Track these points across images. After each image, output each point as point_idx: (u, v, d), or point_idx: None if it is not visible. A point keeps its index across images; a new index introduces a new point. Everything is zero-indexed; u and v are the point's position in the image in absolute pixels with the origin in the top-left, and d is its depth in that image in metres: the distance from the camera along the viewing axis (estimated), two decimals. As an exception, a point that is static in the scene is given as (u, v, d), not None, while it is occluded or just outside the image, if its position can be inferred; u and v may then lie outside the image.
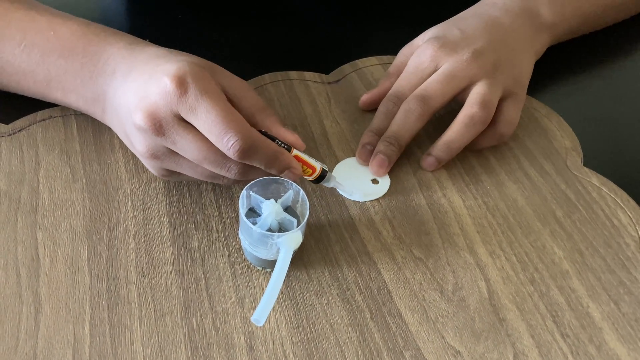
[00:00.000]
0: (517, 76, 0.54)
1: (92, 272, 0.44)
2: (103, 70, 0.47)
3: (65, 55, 0.48)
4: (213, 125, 0.41)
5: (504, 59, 0.53)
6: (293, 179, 0.45)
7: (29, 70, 0.49)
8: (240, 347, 0.41)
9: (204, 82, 0.42)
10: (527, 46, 0.57)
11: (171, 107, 0.41)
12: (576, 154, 0.54)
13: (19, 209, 0.47)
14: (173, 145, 0.43)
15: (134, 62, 0.46)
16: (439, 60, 0.52)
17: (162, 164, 0.45)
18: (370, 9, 0.69)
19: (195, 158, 0.43)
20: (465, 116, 0.50)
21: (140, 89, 0.43)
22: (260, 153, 0.42)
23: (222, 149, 0.41)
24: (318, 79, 0.60)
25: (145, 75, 0.44)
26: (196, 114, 0.41)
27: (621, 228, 0.49)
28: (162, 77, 0.41)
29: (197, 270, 0.45)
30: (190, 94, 0.41)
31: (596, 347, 0.42)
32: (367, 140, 0.52)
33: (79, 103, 0.50)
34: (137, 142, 0.44)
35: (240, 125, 0.41)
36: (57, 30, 0.49)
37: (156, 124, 0.42)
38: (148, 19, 0.52)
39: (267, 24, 0.67)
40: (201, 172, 0.45)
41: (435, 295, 0.44)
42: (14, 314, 0.42)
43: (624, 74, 0.64)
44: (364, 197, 0.50)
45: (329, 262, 0.46)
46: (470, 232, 0.48)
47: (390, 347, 0.41)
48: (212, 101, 0.41)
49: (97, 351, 0.40)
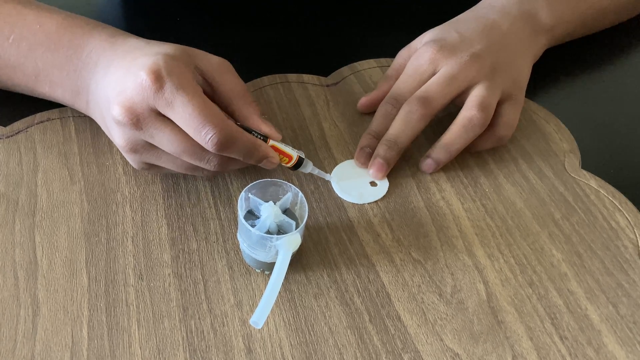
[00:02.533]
0: (516, 79, 0.54)
1: (90, 274, 0.44)
2: (86, 63, 0.48)
3: (51, 48, 0.49)
4: (190, 119, 0.41)
5: (503, 61, 0.53)
6: (270, 168, 0.46)
7: (18, 63, 0.50)
8: (238, 350, 0.41)
9: (180, 76, 0.42)
10: (526, 49, 0.57)
11: (148, 102, 0.42)
12: (574, 157, 0.54)
13: (16, 211, 0.47)
14: (151, 139, 0.43)
15: (114, 54, 0.47)
16: (437, 63, 0.52)
17: (141, 157, 0.45)
18: (369, 11, 0.69)
19: (174, 151, 0.43)
20: (464, 118, 0.50)
21: (118, 83, 0.44)
22: (238, 145, 0.43)
23: (200, 141, 0.42)
24: (317, 82, 0.60)
25: (123, 69, 0.44)
26: (173, 108, 0.42)
27: (619, 231, 0.49)
28: (139, 72, 0.42)
29: (196, 273, 0.45)
30: (166, 88, 0.41)
31: (595, 350, 0.42)
32: (365, 143, 0.52)
33: (65, 96, 0.50)
34: (117, 136, 0.45)
35: (217, 118, 0.42)
36: (44, 24, 0.49)
37: (133, 119, 0.42)
38: (147, 21, 0.52)
39: (266, 27, 0.67)
40: (180, 164, 0.45)
41: (434, 297, 0.44)
42: (11, 316, 0.42)
43: (622, 77, 0.64)
44: (362, 200, 0.50)
45: (327, 264, 0.46)
46: (468, 235, 0.48)
47: (389, 350, 0.41)
48: (188, 95, 0.42)
49: (95, 354, 0.40)
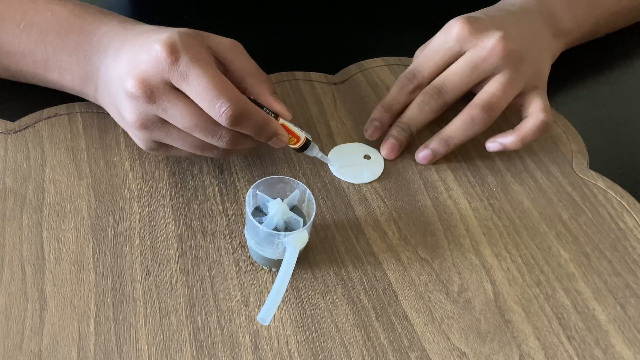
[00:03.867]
0: (539, 73, 0.53)
1: (97, 269, 0.44)
2: (97, 48, 0.48)
3: (62, 34, 0.49)
4: (205, 91, 0.41)
5: (531, 52, 0.52)
6: (279, 146, 0.47)
7: (27, 49, 0.50)
8: (245, 346, 0.41)
9: (195, 49, 0.42)
10: (547, 47, 0.56)
11: (162, 75, 0.42)
12: (582, 157, 0.54)
13: (24, 207, 0.47)
14: (164, 112, 0.43)
15: (126, 37, 0.47)
16: (465, 42, 0.51)
17: (151, 134, 0.45)
18: (377, 10, 0.69)
19: (186, 126, 0.43)
20: (467, 115, 0.50)
21: (131, 59, 0.44)
22: (251, 120, 0.43)
23: (213, 115, 0.42)
24: (324, 80, 0.60)
25: (137, 47, 0.44)
26: (187, 80, 0.42)
27: (627, 231, 0.49)
28: (153, 45, 0.42)
29: (203, 269, 0.45)
30: (181, 61, 0.42)
31: (602, 350, 0.42)
32: (376, 116, 0.53)
33: (74, 83, 0.50)
34: (128, 112, 0.44)
35: (231, 92, 0.42)
36: (55, 11, 0.50)
37: (147, 91, 0.42)
38: (154, 19, 0.52)
39: (273, 24, 0.67)
40: (191, 142, 0.45)
41: (441, 296, 0.44)
42: (19, 311, 0.42)
43: (631, 78, 0.64)
44: (359, 179, 0.50)
45: (334, 262, 0.46)
46: (476, 234, 0.48)
47: (396, 348, 0.41)
48: (202, 68, 0.42)
49: (102, 349, 0.40)
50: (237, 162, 0.52)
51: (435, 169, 0.52)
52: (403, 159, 0.53)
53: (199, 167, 0.51)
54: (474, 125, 0.50)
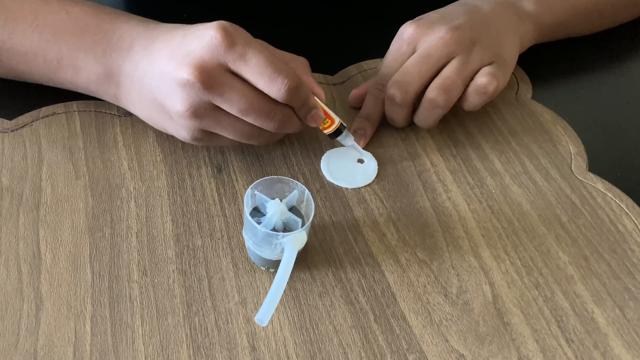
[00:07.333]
0: (499, 53, 0.54)
1: (94, 269, 0.44)
2: (118, 46, 0.48)
3: (77, 33, 0.49)
4: (264, 67, 0.43)
5: (484, 36, 0.54)
6: (314, 124, 0.48)
7: (40, 49, 0.50)
8: (242, 347, 0.41)
9: (244, 32, 0.45)
10: (510, 30, 0.57)
11: (219, 59, 0.43)
12: (581, 159, 0.54)
13: (21, 205, 0.47)
14: (220, 97, 0.44)
15: (152, 36, 0.48)
16: (416, 41, 0.53)
17: (201, 123, 0.45)
18: (376, 11, 0.69)
19: (242, 107, 0.44)
20: (426, 101, 0.52)
21: (175, 52, 0.44)
22: (302, 92, 0.45)
23: (273, 90, 0.43)
24: (323, 80, 0.60)
25: (175, 41, 0.45)
26: (246, 60, 0.43)
27: (626, 234, 0.48)
28: (206, 32, 0.43)
29: (200, 270, 0.44)
30: (237, 42, 0.43)
31: (601, 353, 0.42)
32: (358, 126, 0.54)
33: (89, 81, 0.50)
34: (178, 102, 0.44)
35: (286, 66, 0.44)
36: (70, 11, 0.50)
37: (204, 77, 0.43)
38: (153, 18, 0.52)
39: (273, 25, 0.67)
40: (240, 128, 0.46)
41: (440, 298, 0.44)
42: (14, 310, 0.41)
43: (630, 80, 0.64)
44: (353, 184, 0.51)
45: (332, 263, 0.45)
46: (474, 236, 0.48)
47: (394, 350, 0.41)
48: (258, 48, 0.44)
49: (98, 349, 0.40)
50: (235, 162, 0.52)
51: (434, 171, 0.52)
52: (402, 160, 0.53)
53: (197, 167, 0.51)
54: (435, 108, 0.51)
